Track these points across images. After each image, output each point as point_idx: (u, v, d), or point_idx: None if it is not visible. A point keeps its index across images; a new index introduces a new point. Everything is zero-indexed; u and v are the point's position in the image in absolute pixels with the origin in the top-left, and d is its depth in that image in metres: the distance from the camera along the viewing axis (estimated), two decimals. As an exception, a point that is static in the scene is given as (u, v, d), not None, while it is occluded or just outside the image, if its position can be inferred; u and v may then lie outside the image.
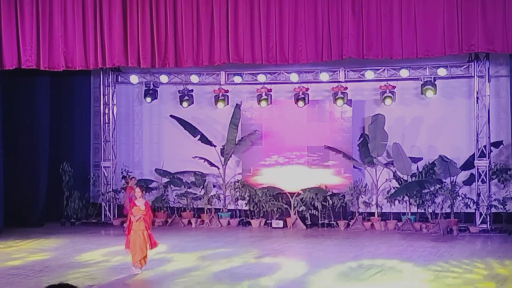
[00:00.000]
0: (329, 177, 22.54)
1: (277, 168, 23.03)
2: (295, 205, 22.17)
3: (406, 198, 21.86)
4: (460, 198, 21.35)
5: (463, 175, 21.72)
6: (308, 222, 22.09)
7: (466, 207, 21.25)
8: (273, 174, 23.01)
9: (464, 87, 22.06)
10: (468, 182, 21.61)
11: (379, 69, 21.87)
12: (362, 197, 22.27)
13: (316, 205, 21.93)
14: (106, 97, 24.16)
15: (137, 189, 15.72)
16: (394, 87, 21.83)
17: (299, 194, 22.29)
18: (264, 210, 22.56)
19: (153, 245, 15.20)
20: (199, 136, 23.47)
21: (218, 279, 14.63)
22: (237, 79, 22.94)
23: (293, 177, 22.80)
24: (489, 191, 21.09)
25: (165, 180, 23.69)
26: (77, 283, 13.93)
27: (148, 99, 23.63)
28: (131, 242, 15.02)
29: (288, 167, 22.95)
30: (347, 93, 22.05)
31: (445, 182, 21.52)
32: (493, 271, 14.99)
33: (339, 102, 21.95)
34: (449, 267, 15.50)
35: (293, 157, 22.92)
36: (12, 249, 18.67)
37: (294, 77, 22.38)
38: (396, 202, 22.04)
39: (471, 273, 14.77)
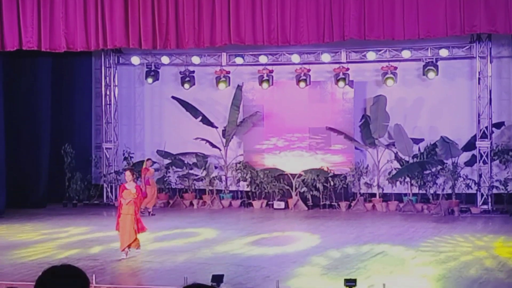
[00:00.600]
0: (330, 158, 22.54)
1: (278, 149, 23.02)
2: (297, 186, 22.19)
3: (408, 179, 21.87)
4: (462, 179, 21.36)
5: (465, 156, 21.72)
6: (310, 203, 22.12)
7: (468, 188, 21.27)
8: (275, 156, 23.01)
9: (466, 68, 22.01)
10: (470, 163, 21.61)
11: (380, 50, 21.81)
12: (364, 178, 22.29)
13: (317, 186, 21.95)
14: (107, 78, 24.14)
15: (128, 173, 15.52)
16: (395, 68, 21.80)
17: (300, 175, 22.30)
18: (265, 191, 22.58)
19: (140, 229, 14.99)
20: (200, 118, 23.45)
21: (220, 260, 14.68)
22: (239, 60, 22.89)
23: (295, 159, 22.81)
24: (491, 172, 21.09)
25: (166, 161, 23.70)
26: (78, 264, 14.00)
27: (150, 80, 23.61)
28: (121, 226, 14.95)
29: (289, 148, 22.93)
30: (348, 74, 22.01)
31: (446, 163, 21.52)
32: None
33: (341, 83, 21.93)
34: (449, 246, 15.55)
35: (294, 139, 22.91)
36: (15, 231, 18.73)
37: (295, 58, 22.34)
38: (398, 183, 22.05)
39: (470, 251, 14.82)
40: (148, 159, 22.24)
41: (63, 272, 3.76)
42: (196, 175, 23.47)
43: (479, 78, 21.16)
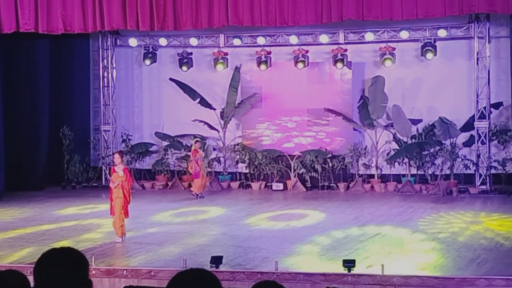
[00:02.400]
0: (329, 139, 22.55)
1: (276, 130, 23.01)
2: (295, 167, 22.20)
3: (406, 160, 21.88)
4: (460, 159, 21.38)
5: (463, 137, 21.73)
6: (308, 184, 22.14)
7: (466, 169, 21.30)
8: (273, 137, 23.01)
9: (464, 48, 21.97)
10: (468, 143, 21.63)
11: (379, 31, 21.76)
12: (362, 159, 22.30)
13: (316, 168, 21.97)
14: (105, 60, 24.08)
15: (116, 155, 15.46)
16: (394, 48, 21.75)
17: (299, 156, 22.31)
18: (264, 172, 22.59)
19: (126, 214, 14.93)
20: (198, 99, 23.43)
21: (219, 241, 14.73)
22: (237, 41, 22.84)
23: (293, 140, 22.81)
24: (489, 152, 21.12)
25: (165, 143, 23.70)
26: (77, 246, 14.04)
27: (147, 62, 23.56)
28: (113, 210, 14.96)
29: (288, 129, 22.93)
30: (346, 55, 21.97)
31: (445, 144, 21.53)
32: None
33: (339, 64, 21.89)
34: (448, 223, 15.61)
35: (292, 120, 22.89)
36: (14, 213, 18.76)
37: (293, 39, 22.29)
38: (396, 164, 22.07)
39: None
40: (196, 141, 21.71)
41: (63, 254, 3.77)
42: (195, 157, 23.45)
43: (477, 59, 21.14)
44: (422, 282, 11.38)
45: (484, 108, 21.06)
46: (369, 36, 21.76)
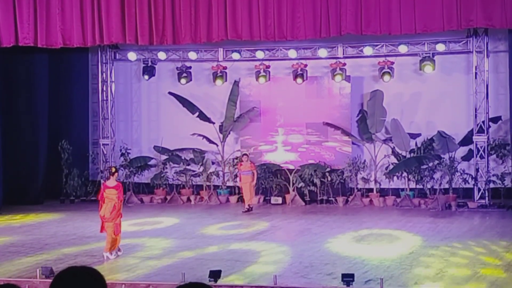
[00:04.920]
0: (327, 153, 22.55)
1: (275, 144, 23.02)
2: (294, 181, 22.19)
3: (405, 174, 21.88)
4: (459, 173, 21.38)
5: (462, 151, 21.73)
6: (307, 198, 22.12)
7: (465, 183, 21.29)
8: (272, 151, 23.00)
9: (463, 62, 22.01)
10: (467, 157, 21.63)
11: (377, 45, 21.81)
12: (361, 173, 22.30)
13: (314, 182, 21.96)
14: (104, 74, 24.11)
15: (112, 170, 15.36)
16: (392, 63, 21.79)
17: (298, 170, 22.31)
18: (263, 186, 22.58)
19: (102, 229, 14.72)
20: (197, 113, 23.44)
21: (217, 255, 14.69)
22: (235, 55, 22.87)
23: (292, 154, 22.80)
24: (488, 167, 21.11)
25: (164, 157, 23.69)
26: (76, 260, 14.02)
27: (146, 76, 23.59)
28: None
29: (287, 144, 22.92)
30: (345, 69, 22.00)
31: (443, 158, 21.54)
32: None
33: (338, 78, 21.91)
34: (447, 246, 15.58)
35: (291, 134, 22.89)
36: (12, 225, 18.72)
37: (292, 53, 22.33)
38: (395, 178, 22.06)
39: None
40: (244, 154, 21.54)
41: (81, 273, 3.73)
42: (193, 171, 23.47)
43: (476, 73, 21.18)
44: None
45: (483, 122, 21.07)
46: (367, 50, 21.80)
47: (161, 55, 23.34)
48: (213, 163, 23.52)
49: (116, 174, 15.26)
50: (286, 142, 22.97)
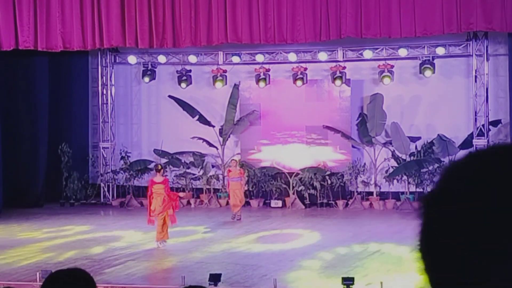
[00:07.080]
0: (327, 156, 22.54)
1: (275, 148, 23.01)
2: (294, 184, 22.18)
3: (405, 177, 21.87)
4: (459, 177, 21.33)
5: (462, 154, 21.66)
6: (307, 201, 22.11)
7: (465, 186, 21.24)
8: (272, 154, 22.99)
9: (463, 66, 22.02)
10: (467, 161, 21.58)
11: (377, 48, 21.81)
12: (361, 177, 22.29)
13: (314, 185, 21.95)
14: (104, 77, 24.11)
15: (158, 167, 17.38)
16: (392, 66, 21.79)
17: (298, 173, 22.30)
18: (263, 190, 22.57)
19: (149, 222, 16.34)
20: (197, 117, 23.44)
21: (217, 259, 14.69)
22: (235, 59, 22.87)
23: (292, 157, 22.80)
24: (488, 170, 21.07)
25: (164, 160, 23.66)
26: (76, 264, 14.01)
27: (146, 80, 23.58)
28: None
29: (287, 147, 22.93)
30: (345, 73, 22.00)
31: (443, 161, 21.53)
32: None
33: (338, 81, 21.91)
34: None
35: (291, 137, 22.89)
36: (13, 230, 18.71)
37: (292, 56, 22.33)
38: (395, 181, 22.06)
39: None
40: (232, 160, 21.53)
41: (71, 275, 3.74)
42: (193, 174, 23.45)
43: (475, 76, 21.18)
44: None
45: (483, 125, 21.08)
46: (367, 53, 21.80)
47: (161, 58, 23.35)
48: (213, 166, 23.51)
49: (162, 170, 17.23)
50: (286, 145, 22.94)
